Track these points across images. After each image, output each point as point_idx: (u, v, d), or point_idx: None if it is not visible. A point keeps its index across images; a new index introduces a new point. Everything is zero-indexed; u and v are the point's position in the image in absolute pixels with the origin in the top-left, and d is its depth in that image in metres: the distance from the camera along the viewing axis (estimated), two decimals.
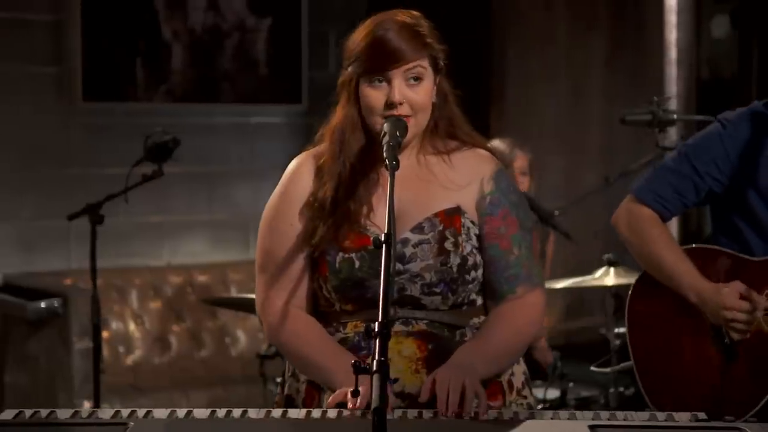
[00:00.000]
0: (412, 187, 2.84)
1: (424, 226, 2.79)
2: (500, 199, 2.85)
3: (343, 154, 2.83)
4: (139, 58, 6.69)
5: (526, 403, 2.89)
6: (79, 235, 6.00)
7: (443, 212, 2.81)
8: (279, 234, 2.86)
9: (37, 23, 6.54)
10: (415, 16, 2.85)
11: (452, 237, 2.78)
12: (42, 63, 6.56)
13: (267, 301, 2.85)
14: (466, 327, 2.83)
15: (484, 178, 2.85)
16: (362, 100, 2.80)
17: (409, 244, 2.78)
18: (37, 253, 6.50)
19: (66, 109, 6.58)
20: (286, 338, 2.83)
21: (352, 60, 2.81)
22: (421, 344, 2.77)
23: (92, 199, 5.23)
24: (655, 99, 4.30)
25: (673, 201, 3.44)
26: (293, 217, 2.85)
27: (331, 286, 2.80)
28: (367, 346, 2.78)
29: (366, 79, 2.79)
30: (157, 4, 6.72)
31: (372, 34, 2.79)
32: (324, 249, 2.80)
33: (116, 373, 6.20)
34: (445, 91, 2.90)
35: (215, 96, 6.91)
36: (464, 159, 2.88)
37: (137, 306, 6.52)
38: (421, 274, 2.76)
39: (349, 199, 2.81)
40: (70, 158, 6.58)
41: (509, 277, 2.83)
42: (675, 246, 3.46)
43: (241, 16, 6.95)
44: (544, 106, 6.91)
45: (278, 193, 2.90)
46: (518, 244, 2.84)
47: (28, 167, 6.54)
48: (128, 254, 6.70)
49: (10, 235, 6.51)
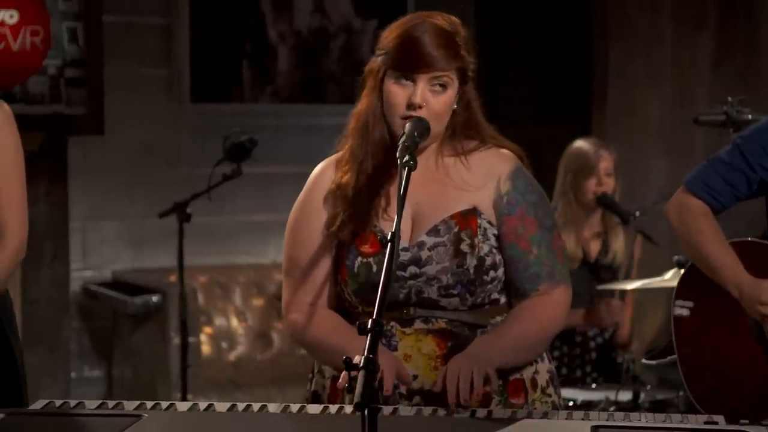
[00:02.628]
0: (429, 190, 2.85)
1: (439, 228, 2.81)
2: (517, 198, 2.84)
3: (365, 143, 2.85)
4: (246, 60, 6.83)
5: (550, 401, 2.88)
6: (186, 233, 6.15)
7: (459, 214, 2.82)
8: (302, 239, 2.90)
9: (148, 27, 6.73)
10: (454, 23, 2.84)
11: (468, 239, 2.79)
12: (152, 65, 6.75)
13: (293, 303, 2.90)
14: (488, 326, 2.84)
15: (501, 177, 2.84)
16: (385, 95, 2.82)
17: (425, 247, 2.80)
18: (146, 249, 6.68)
19: (175, 109, 6.76)
20: (313, 334, 2.86)
21: (383, 52, 2.82)
22: (440, 342, 2.80)
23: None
24: (730, 99, 4.24)
25: (724, 192, 3.41)
26: (315, 222, 2.89)
27: (351, 289, 2.84)
28: (388, 343, 2.81)
29: (392, 74, 2.80)
30: (264, 7, 6.85)
31: (408, 32, 2.79)
32: (344, 253, 2.84)
33: (217, 368, 6.34)
34: (468, 98, 2.89)
35: (320, 97, 7.01)
36: (482, 159, 2.87)
37: (240, 303, 6.65)
38: (438, 276, 2.78)
39: (368, 187, 2.83)
40: (179, 158, 6.75)
41: (530, 276, 2.83)
42: (720, 238, 3.42)
43: (347, 17, 7.04)
44: (648, 107, 6.84)
45: (300, 200, 2.94)
46: (537, 244, 2.83)
47: (139, 167, 6.74)
48: (234, 252, 6.85)
49: (120, 233, 6.71)
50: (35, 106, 6.19)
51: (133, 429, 2.38)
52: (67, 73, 6.25)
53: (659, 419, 2.56)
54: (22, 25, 6.16)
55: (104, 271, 6.68)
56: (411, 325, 2.82)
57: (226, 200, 6.65)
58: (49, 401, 2.66)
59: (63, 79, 6.24)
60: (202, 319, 6.41)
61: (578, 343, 5.12)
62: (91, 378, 6.69)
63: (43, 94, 6.21)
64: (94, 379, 6.69)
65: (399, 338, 2.81)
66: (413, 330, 2.80)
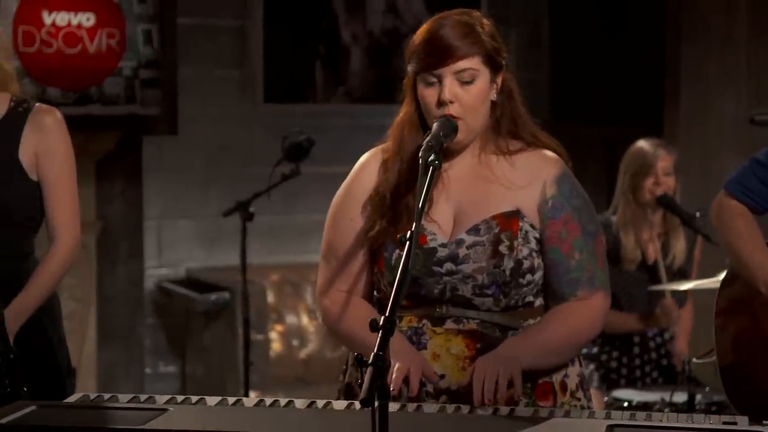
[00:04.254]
0: (472, 188, 2.86)
1: (480, 227, 2.81)
2: (562, 203, 2.84)
3: (402, 151, 2.89)
4: (319, 61, 6.90)
5: (579, 405, 2.89)
6: (258, 232, 6.24)
7: (501, 215, 2.82)
8: (340, 229, 2.94)
9: (223, 28, 6.83)
10: (474, 16, 2.86)
11: (507, 240, 2.80)
12: (226, 66, 6.85)
13: (329, 289, 2.96)
14: (519, 329, 2.84)
15: (547, 181, 2.85)
16: (420, 101, 2.86)
17: (463, 245, 2.81)
18: (219, 248, 6.78)
19: (248, 110, 6.86)
20: (346, 324, 2.91)
21: (411, 58, 2.85)
22: (470, 343, 2.82)
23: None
24: None
25: (761, 193, 3.39)
26: (355, 212, 2.93)
27: (387, 281, 2.86)
28: (418, 341, 2.84)
29: (422, 78, 2.83)
30: (337, 9, 6.91)
31: (428, 31, 2.82)
32: (382, 244, 2.87)
33: (287, 365, 6.41)
34: (509, 88, 2.89)
35: (393, 97, 6.98)
36: (527, 160, 2.88)
37: (311, 301, 6.72)
38: (473, 275, 2.79)
39: (408, 193, 2.85)
40: (252, 157, 6.84)
41: (570, 281, 2.84)
42: (756, 238, 3.40)
43: (420, 18, 7.05)
44: (722, 108, 6.77)
45: (343, 188, 2.98)
46: (579, 249, 2.83)
47: (213, 166, 6.85)
48: (306, 251, 6.91)
49: (195, 231, 6.83)
50: (111, 106, 6.33)
51: (154, 422, 2.44)
52: (142, 74, 6.37)
53: (681, 419, 2.55)
54: (99, 28, 6.30)
55: (179, 269, 6.80)
56: (442, 324, 2.84)
57: (298, 199, 6.73)
58: (83, 395, 2.73)
59: (138, 80, 6.37)
60: (273, 317, 6.48)
61: (637, 344, 5.09)
62: (165, 374, 6.81)
63: (119, 95, 6.34)
64: (169, 375, 6.81)
65: (429, 337, 2.84)
66: (444, 330, 2.83)
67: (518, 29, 7.37)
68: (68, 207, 3.47)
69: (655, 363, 5.10)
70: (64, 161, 3.48)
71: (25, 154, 3.43)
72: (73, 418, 2.50)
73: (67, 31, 6.25)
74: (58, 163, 3.46)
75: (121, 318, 6.65)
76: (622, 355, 5.08)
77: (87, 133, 6.33)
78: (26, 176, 3.43)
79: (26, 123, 3.45)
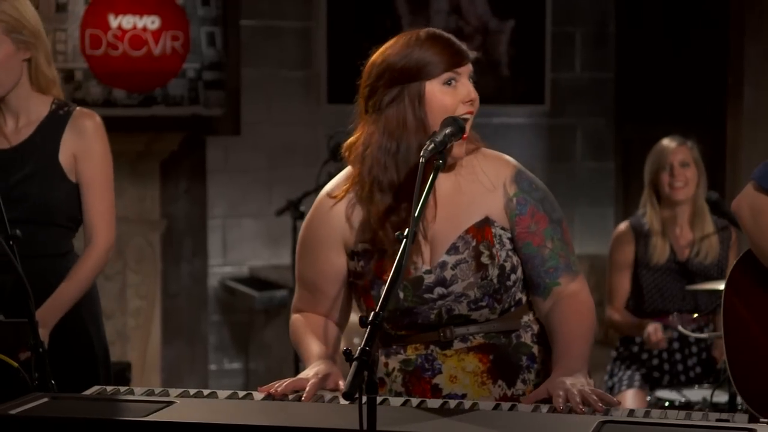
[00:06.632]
0: (444, 207, 2.86)
1: (458, 245, 2.83)
2: (525, 198, 2.87)
3: (394, 162, 2.82)
4: None
5: None
6: None
7: (473, 227, 2.84)
8: (308, 261, 2.96)
9: (287, 30, 6.92)
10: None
11: (487, 250, 2.82)
12: (291, 67, 6.94)
13: (293, 309, 3.10)
14: (519, 329, 2.89)
15: (506, 181, 2.87)
16: (430, 105, 2.80)
17: (447, 267, 2.82)
18: (282, 246, 6.86)
19: (312, 110, 6.94)
20: (291, 338, 3.09)
21: (414, 67, 2.79)
22: (482, 357, 2.86)
23: None
24: None
25: None
26: (318, 253, 2.93)
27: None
28: (430, 368, 2.88)
29: (437, 81, 2.80)
30: (400, 9, 6.96)
31: (431, 39, 2.81)
32: (367, 284, 2.87)
33: (343, 362, 6.45)
34: None
35: None
36: (484, 166, 2.89)
37: None
38: (465, 292, 2.82)
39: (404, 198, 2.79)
40: (316, 157, 6.91)
41: (549, 270, 2.86)
42: None
43: (483, 18, 7.09)
44: None
45: (306, 223, 2.99)
46: (550, 237, 2.87)
47: (277, 166, 6.94)
48: None
49: (259, 230, 6.93)
50: (174, 107, 6.45)
51: (157, 414, 2.50)
52: (205, 76, 6.49)
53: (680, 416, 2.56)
54: (163, 31, 6.43)
55: (242, 267, 6.90)
56: (451, 346, 2.87)
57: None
58: (101, 388, 2.81)
59: (201, 81, 6.48)
60: None
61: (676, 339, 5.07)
62: (230, 370, 6.91)
63: (182, 96, 6.46)
64: (233, 371, 6.92)
65: (441, 361, 2.88)
66: (454, 351, 2.86)
67: (584, 29, 7.36)
68: (104, 210, 3.57)
69: (696, 358, 5.08)
70: (101, 164, 3.57)
71: (65, 156, 3.53)
72: (80, 409, 2.57)
73: (132, 34, 6.38)
74: (94, 166, 3.56)
75: (186, 315, 6.76)
76: (662, 353, 5.07)
77: (151, 134, 6.47)
78: (66, 177, 3.53)
79: (66, 126, 3.55)
